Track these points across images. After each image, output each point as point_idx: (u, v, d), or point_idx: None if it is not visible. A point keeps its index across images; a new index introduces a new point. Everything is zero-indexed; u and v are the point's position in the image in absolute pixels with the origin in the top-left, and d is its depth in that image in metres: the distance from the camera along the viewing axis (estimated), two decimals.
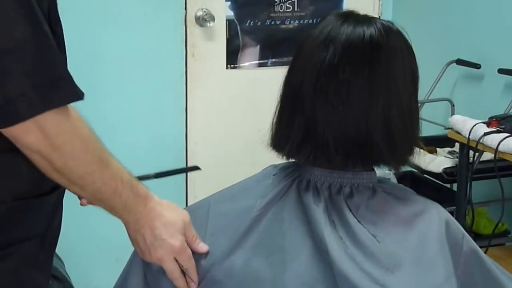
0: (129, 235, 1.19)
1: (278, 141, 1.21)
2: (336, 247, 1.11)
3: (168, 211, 1.17)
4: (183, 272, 1.18)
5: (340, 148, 1.15)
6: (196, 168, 1.41)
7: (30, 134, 0.98)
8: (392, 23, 1.23)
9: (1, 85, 0.95)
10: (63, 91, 0.99)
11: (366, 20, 1.20)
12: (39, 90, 0.96)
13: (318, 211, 1.15)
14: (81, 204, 1.22)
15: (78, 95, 1.01)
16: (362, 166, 1.19)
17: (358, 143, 1.15)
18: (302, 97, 1.17)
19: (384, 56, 1.16)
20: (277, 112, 1.22)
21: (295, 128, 1.18)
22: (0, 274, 1.07)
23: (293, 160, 1.24)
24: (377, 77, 1.15)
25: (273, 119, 1.23)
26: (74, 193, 1.11)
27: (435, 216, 1.16)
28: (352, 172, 1.18)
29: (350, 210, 1.16)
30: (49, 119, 0.98)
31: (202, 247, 1.19)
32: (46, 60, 0.98)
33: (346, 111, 1.14)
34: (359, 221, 1.14)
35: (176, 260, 1.17)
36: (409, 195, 1.21)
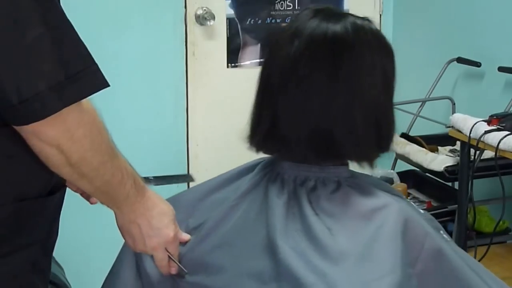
0: (120, 226, 1.19)
1: (250, 134, 1.26)
2: (288, 240, 1.13)
3: (161, 202, 1.19)
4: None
5: (302, 143, 1.18)
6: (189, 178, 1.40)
7: (52, 128, 0.97)
8: (370, 21, 1.23)
9: (15, 86, 0.94)
10: (81, 85, 0.98)
11: (336, 16, 1.20)
12: (56, 88, 0.95)
13: (279, 204, 1.18)
14: (91, 203, 1.25)
15: (98, 85, 1.00)
16: (329, 161, 1.20)
17: (319, 138, 1.17)
18: (268, 91, 1.20)
19: (348, 53, 1.17)
20: (252, 105, 1.26)
21: (262, 121, 1.22)
22: (2, 280, 1.06)
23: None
24: (338, 73, 1.16)
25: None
26: (80, 186, 1.10)
27: (394, 212, 1.16)
28: (319, 166, 1.20)
29: (311, 203, 1.18)
30: (71, 112, 0.98)
31: (185, 236, 1.23)
32: (63, 56, 0.97)
33: (307, 106, 1.16)
34: (317, 214, 1.16)
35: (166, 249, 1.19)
36: (374, 190, 1.20)
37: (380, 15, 3.37)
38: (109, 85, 1.01)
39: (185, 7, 2.99)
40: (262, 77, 1.23)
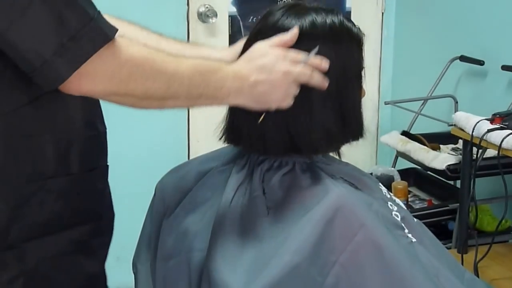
0: (250, 99, 1.17)
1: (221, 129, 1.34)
2: (228, 214, 1.21)
3: (242, 58, 1.19)
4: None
5: (248, 133, 1.24)
6: None
7: (88, 83, 0.99)
8: (334, 13, 1.25)
9: (27, 55, 0.96)
10: (85, 44, 0.98)
11: (299, 12, 1.23)
12: (60, 52, 0.96)
13: (235, 178, 1.26)
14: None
15: (101, 41, 0.99)
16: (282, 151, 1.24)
17: (259, 129, 1.22)
18: None
19: (297, 49, 1.19)
20: None
21: (226, 116, 1.32)
22: (46, 259, 1.09)
23: None
24: None
25: None
26: (177, 107, 1.14)
27: (328, 199, 1.17)
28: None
29: (263, 182, 1.23)
30: (97, 61, 0.99)
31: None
32: (62, 17, 0.97)
33: None
34: (264, 193, 1.22)
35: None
36: (322, 177, 1.23)
37: (383, 13, 3.37)
38: (112, 37, 1.01)
39: (188, 4, 2.99)
40: None
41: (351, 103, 1.25)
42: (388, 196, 1.32)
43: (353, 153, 1.38)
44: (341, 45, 1.23)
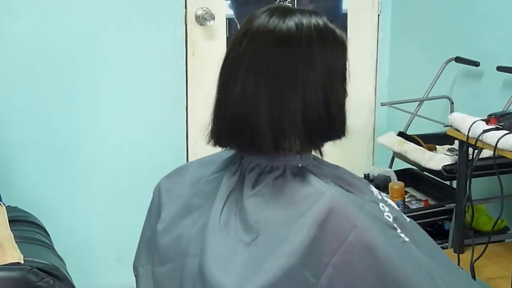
0: None
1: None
2: (220, 219, 1.22)
3: None
4: None
5: (229, 134, 1.26)
6: None
7: None
8: (318, 16, 1.26)
9: None
10: None
11: (284, 13, 1.24)
12: None
13: (225, 186, 1.27)
14: None
15: None
16: (269, 150, 1.24)
17: (245, 129, 1.23)
18: (217, 89, 1.30)
19: (282, 49, 1.21)
20: None
21: (211, 117, 1.33)
22: None
23: None
24: (269, 68, 1.21)
25: None
26: None
27: (320, 202, 1.18)
28: (272, 155, 1.25)
29: (253, 188, 1.24)
30: None
31: None
32: None
33: (240, 100, 1.23)
34: (255, 197, 1.23)
35: None
36: (312, 180, 1.24)
37: (379, 15, 3.38)
38: None
39: (185, 7, 3.00)
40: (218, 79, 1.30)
41: (336, 103, 1.25)
42: (380, 197, 1.33)
43: (350, 154, 1.40)
44: (326, 46, 1.23)
